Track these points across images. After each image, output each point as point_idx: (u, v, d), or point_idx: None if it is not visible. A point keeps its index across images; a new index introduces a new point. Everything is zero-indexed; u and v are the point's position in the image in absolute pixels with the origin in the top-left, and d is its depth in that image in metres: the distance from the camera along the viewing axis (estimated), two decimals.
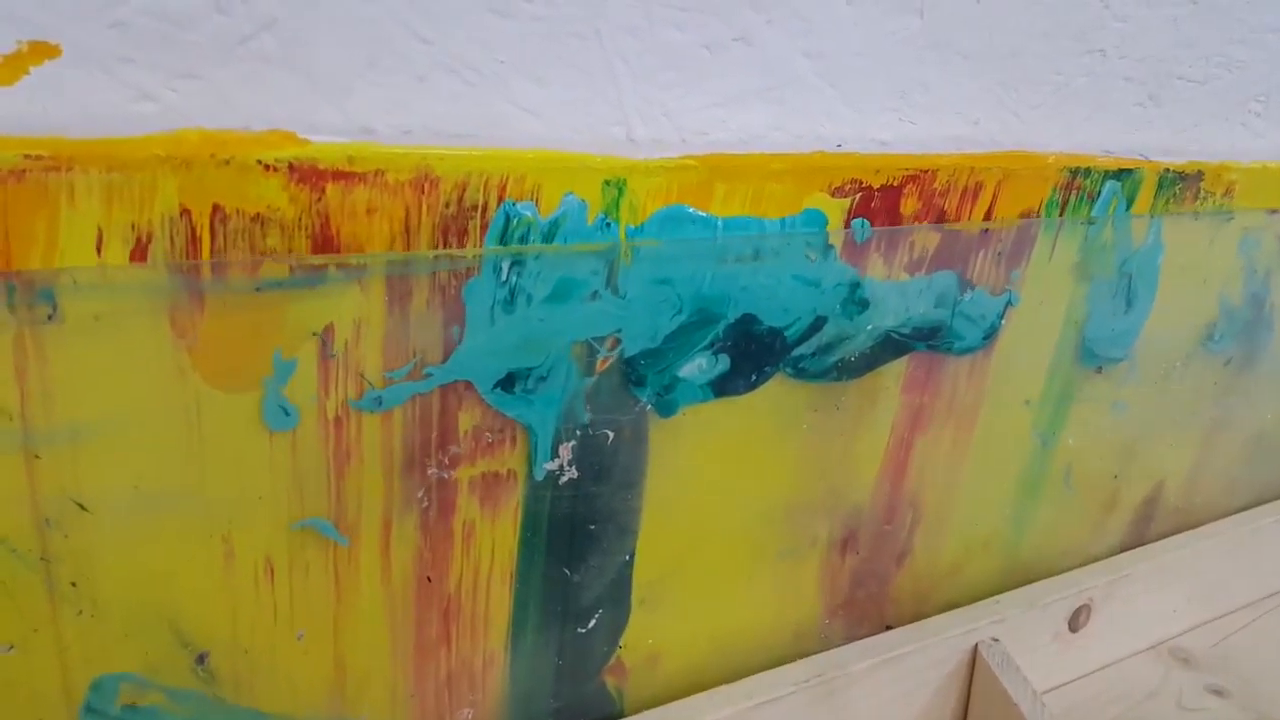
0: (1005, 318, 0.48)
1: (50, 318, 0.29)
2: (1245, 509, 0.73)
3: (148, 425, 0.31)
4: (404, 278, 0.33)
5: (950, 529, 0.55)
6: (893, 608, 0.56)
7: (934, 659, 0.56)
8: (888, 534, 0.52)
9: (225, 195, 0.29)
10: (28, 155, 0.26)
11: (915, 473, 0.51)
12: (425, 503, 0.37)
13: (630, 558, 0.43)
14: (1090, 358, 0.54)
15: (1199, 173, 0.49)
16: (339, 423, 0.34)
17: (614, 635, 0.45)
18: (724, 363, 0.40)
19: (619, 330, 0.37)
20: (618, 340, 0.37)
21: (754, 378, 0.41)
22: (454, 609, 0.40)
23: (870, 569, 0.53)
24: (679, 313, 0.38)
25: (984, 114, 0.40)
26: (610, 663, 0.45)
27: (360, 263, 0.32)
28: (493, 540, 0.39)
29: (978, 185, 0.41)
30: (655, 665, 0.47)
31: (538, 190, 0.33)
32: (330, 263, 0.31)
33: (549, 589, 0.42)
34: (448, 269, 0.33)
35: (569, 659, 0.44)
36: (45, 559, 0.31)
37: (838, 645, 0.52)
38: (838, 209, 0.39)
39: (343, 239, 0.31)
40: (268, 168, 0.29)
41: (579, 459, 0.39)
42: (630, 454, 0.40)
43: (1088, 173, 0.44)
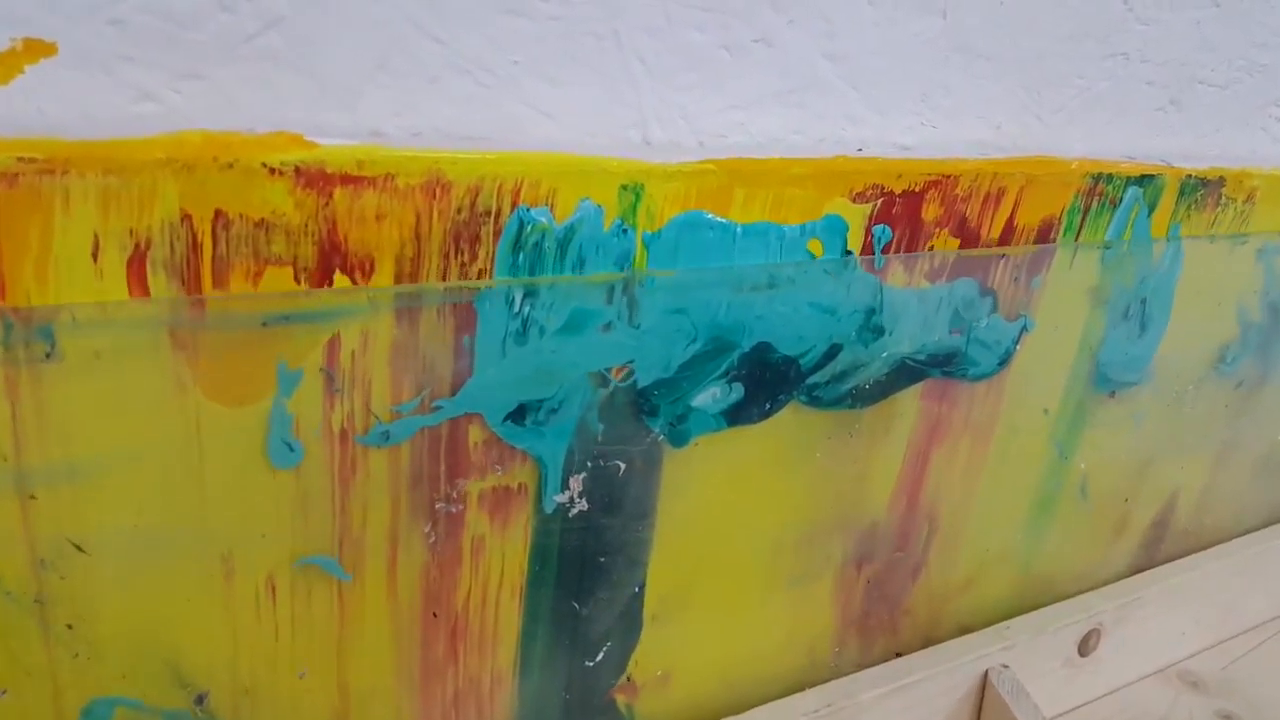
0: (1020, 343, 0.48)
1: (48, 355, 0.28)
2: (1254, 530, 0.74)
3: (149, 463, 0.31)
4: (413, 310, 0.33)
5: (963, 554, 0.55)
6: (904, 633, 0.56)
7: (944, 687, 0.56)
8: (900, 560, 0.52)
9: (228, 200, 0.29)
10: (21, 158, 0.26)
11: (929, 499, 0.51)
12: (432, 537, 0.37)
13: (640, 589, 0.43)
14: (1104, 382, 0.55)
15: (1220, 179, 0.50)
16: (344, 458, 0.34)
17: (621, 667, 0.44)
18: (738, 391, 0.40)
19: (632, 360, 0.37)
20: (631, 370, 0.37)
21: (768, 406, 0.42)
22: (461, 644, 0.40)
23: (882, 595, 0.53)
24: (693, 342, 0.38)
25: (1006, 118, 0.40)
26: (618, 690, 0.45)
27: (368, 296, 0.32)
28: (500, 574, 0.39)
29: (1000, 191, 0.41)
30: (665, 692, 0.46)
31: (552, 195, 0.33)
32: (337, 296, 0.31)
33: (558, 622, 0.42)
34: (457, 300, 0.33)
35: (576, 693, 0.43)
36: (40, 601, 0.31)
37: (849, 671, 0.52)
38: (859, 215, 0.39)
39: (350, 245, 0.31)
40: (273, 171, 0.29)
41: (590, 491, 0.39)
42: (642, 485, 0.40)
43: (1110, 179, 0.44)
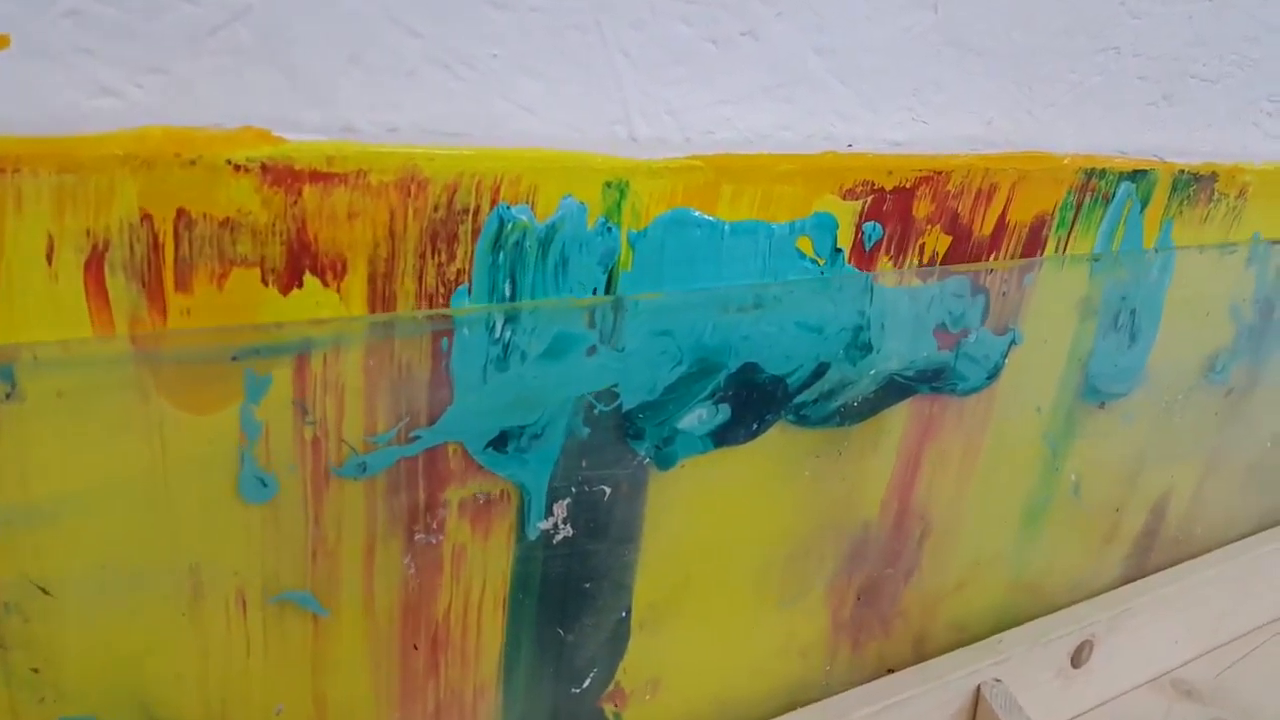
0: (1009, 357, 0.49)
1: (9, 396, 0.28)
2: (1245, 537, 0.75)
3: (116, 503, 0.30)
4: (389, 339, 0.32)
5: (954, 568, 0.56)
6: (896, 648, 0.56)
7: (936, 702, 0.56)
8: (890, 576, 0.53)
9: (191, 198, 0.28)
10: None
11: (919, 515, 0.51)
12: (411, 569, 0.36)
13: (626, 614, 0.43)
14: (1093, 394, 0.55)
15: (1213, 174, 0.50)
16: (319, 491, 0.33)
17: (607, 697, 0.44)
18: (724, 413, 0.40)
19: (617, 384, 0.37)
20: (615, 394, 0.37)
21: (755, 427, 0.42)
22: (443, 677, 0.39)
23: (873, 611, 0.53)
24: (679, 364, 0.38)
25: (998, 113, 0.40)
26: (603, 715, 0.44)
27: (341, 325, 0.31)
28: (482, 603, 0.39)
29: (992, 187, 0.41)
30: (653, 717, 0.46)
31: (534, 192, 0.32)
32: (309, 326, 0.31)
33: (541, 650, 0.42)
34: (436, 328, 0.33)
35: None
36: (3, 645, 0.30)
37: (840, 688, 0.52)
38: (849, 212, 0.38)
39: (321, 245, 0.30)
40: (238, 168, 0.28)
41: (574, 516, 0.39)
42: (628, 508, 0.40)
43: (1102, 174, 0.45)
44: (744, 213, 0.36)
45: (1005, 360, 0.49)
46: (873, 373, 0.44)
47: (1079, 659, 0.63)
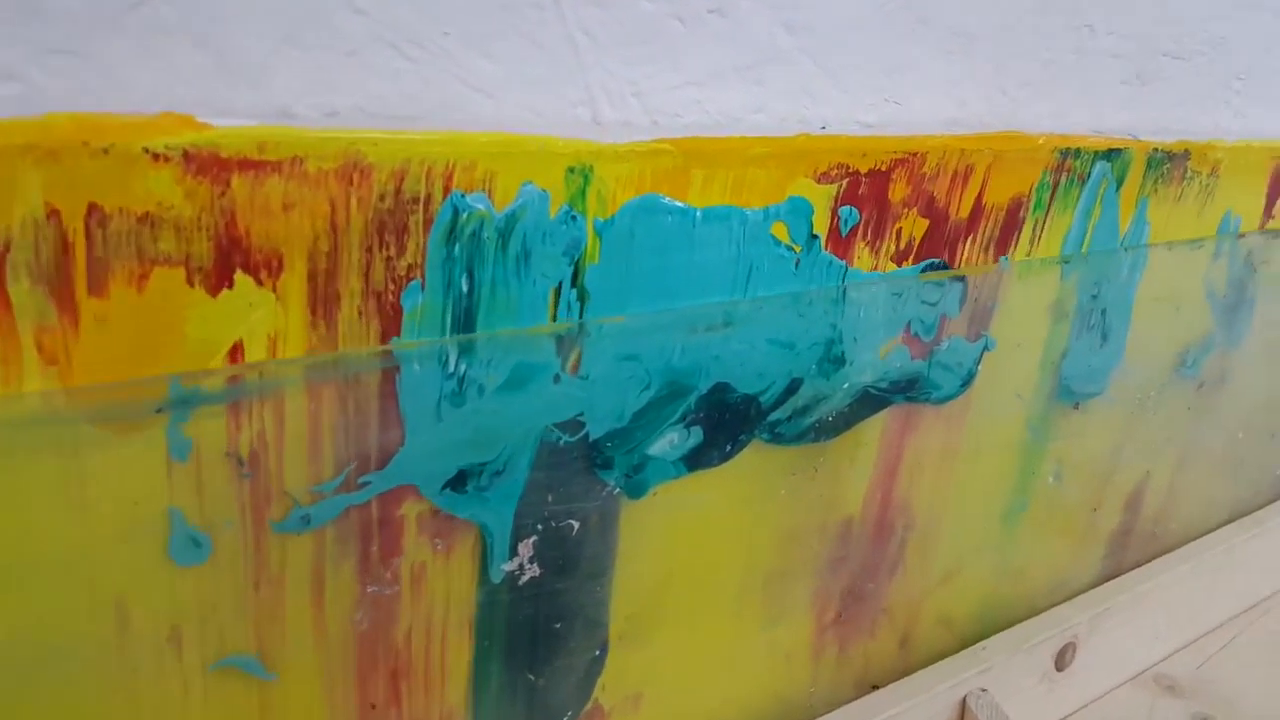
0: (982, 363, 0.48)
1: None
2: (1219, 527, 0.76)
3: (36, 574, 0.28)
4: (331, 380, 0.30)
5: (935, 579, 0.55)
6: (880, 664, 0.55)
7: (923, 717, 0.55)
8: (872, 592, 0.52)
9: (104, 192, 0.25)
10: None
11: (899, 527, 0.51)
12: (364, 624, 0.34)
13: (601, 652, 0.41)
14: (1068, 395, 0.55)
15: (1186, 152, 0.50)
16: (260, 548, 0.31)
17: None
18: (696, 435, 0.39)
19: (582, 412, 0.36)
20: (581, 423, 0.36)
21: (729, 448, 0.41)
22: None
23: (856, 628, 0.52)
24: (647, 388, 0.37)
25: (972, 94, 0.39)
26: None
27: (279, 368, 0.29)
28: (443, 655, 0.37)
29: (968, 169, 0.40)
30: None
31: (491, 179, 0.30)
32: (243, 369, 0.29)
33: (511, 698, 0.39)
34: (383, 365, 0.31)
35: None
36: None
37: (825, 709, 0.51)
38: (824, 196, 0.37)
39: (253, 240, 0.28)
40: (157, 157, 0.25)
41: (542, 554, 0.38)
42: (599, 542, 0.39)
43: (1078, 154, 0.44)
44: (716, 198, 0.34)
45: (979, 367, 0.48)
46: (846, 386, 0.43)
47: (1062, 661, 0.63)
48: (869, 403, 0.45)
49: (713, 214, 0.34)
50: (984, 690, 0.57)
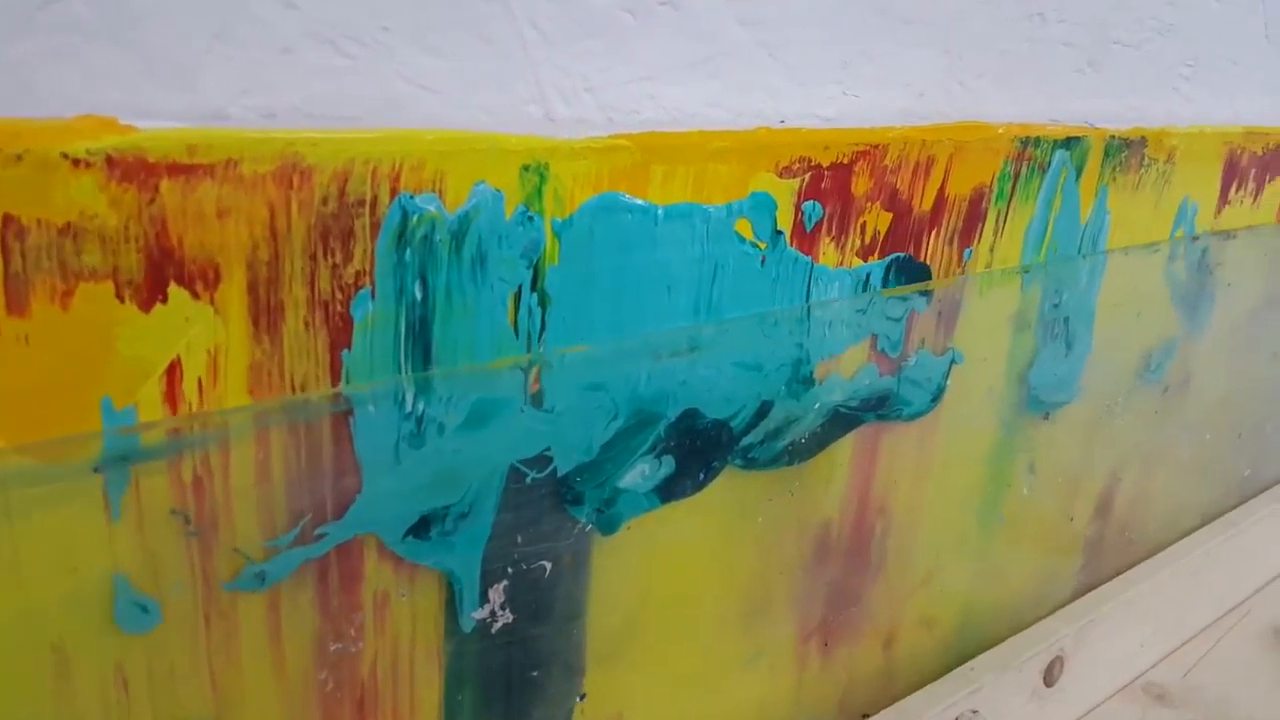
0: (950, 377, 0.48)
1: None
2: (1194, 529, 0.76)
3: None
4: (279, 427, 0.29)
5: (919, 597, 0.54)
6: (868, 691, 0.54)
7: None
8: (857, 615, 0.51)
9: (20, 202, 0.23)
10: None
11: (879, 547, 0.50)
12: (329, 684, 0.32)
13: (581, 698, 0.40)
14: (1037, 405, 0.55)
15: (1142, 139, 0.50)
16: (212, 610, 0.29)
17: None
18: (668, 465, 0.38)
19: (549, 447, 0.35)
20: (548, 458, 0.35)
21: (702, 476, 0.40)
22: None
23: (843, 655, 0.51)
24: (614, 418, 0.36)
25: (929, 85, 0.39)
26: None
27: (225, 417, 0.28)
28: (413, 714, 0.35)
29: (929, 160, 0.40)
30: None
31: (441, 179, 0.29)
32: (185, 422, 0.27)
33: None
34: (334, 408, 0.29)
35: None
36: None
37: None
38: (787, 191, 0.36)
39: (187, 250, 0.26)
40: (77, 162, 0.24)
41: (514, 599, 0.36)
42: (572, 582, 0.37)
43: (1037, 142, 0.44)
44: (677, 195, 0.33)
45: (948, 381, 0.48)
46: (817, 406, 0.43)
47: (1051, 677, 0.63)
48: (841, 422, 0.44)
49: (675, 211, 0.33)
50: (975, 711, 0.56)
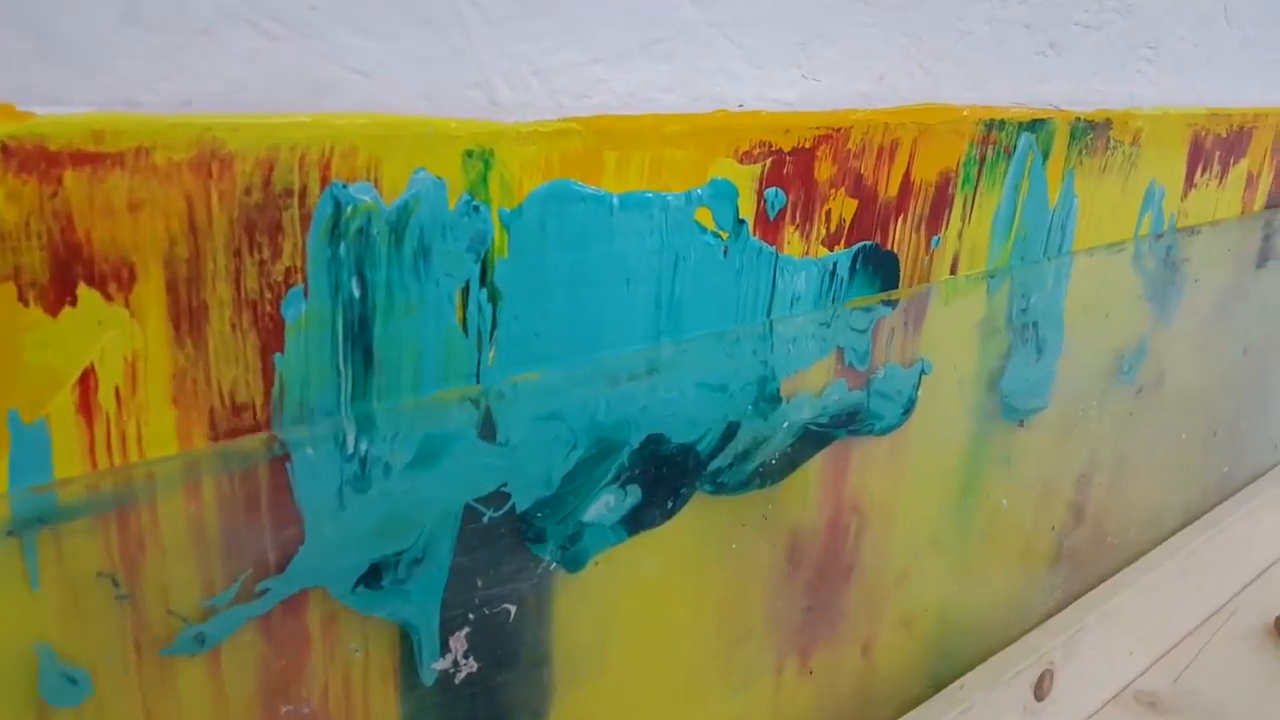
0: (921, 389, 0.47)
1: None
2: (1176, 532, 0.76)
3: None
4: (211, 477, 0.27)
5: (904, 616, 0.53)
6: (859, 716, 0.52)
7: None
8: (842, 640, 0.49)
9: None
10: None
11: (860, 568, 0.49)
12: None
13: None
14: (1011, 413, 0.54)
15: (1107, 121, 0.50)
16: (148, 678, 0.27)
17: None
18: (634, 494, 0.37)
19: (505, 483, 0.33)
20: (505, 495, 0.33)
21: (670, 504, 0.38)
22: None
23: (829, 681, 0.50)
24: (574, 449, 0.34)
25: (889, 68, 0.38)
26: None
27: (151, 469, 0.26)
28: None
29: (893, 144, 0.39)
30: None
31: (375, 167, 0.27)
32: (109, 479, 0.25)
33: None
34: (269, 455, 0.28)
35: None
36: None
37: None
38: (748, 177, 0.35)
39: (96, 247, 0.24)
40: None
41: (477, 647, 0.34)
42: (538, 625, 0.36)
43: (1002, 125, 0.43)
44: (633, 183, 0.32)
45: (918, 392, 0.47)
46: (786, 425, 0.41)
47: (1041, 691, 0.62)
48: (812, 440, 0.43)
49: (631, 200, 0.32)
50: None
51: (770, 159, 0.34)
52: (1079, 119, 0.47)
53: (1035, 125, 0.44)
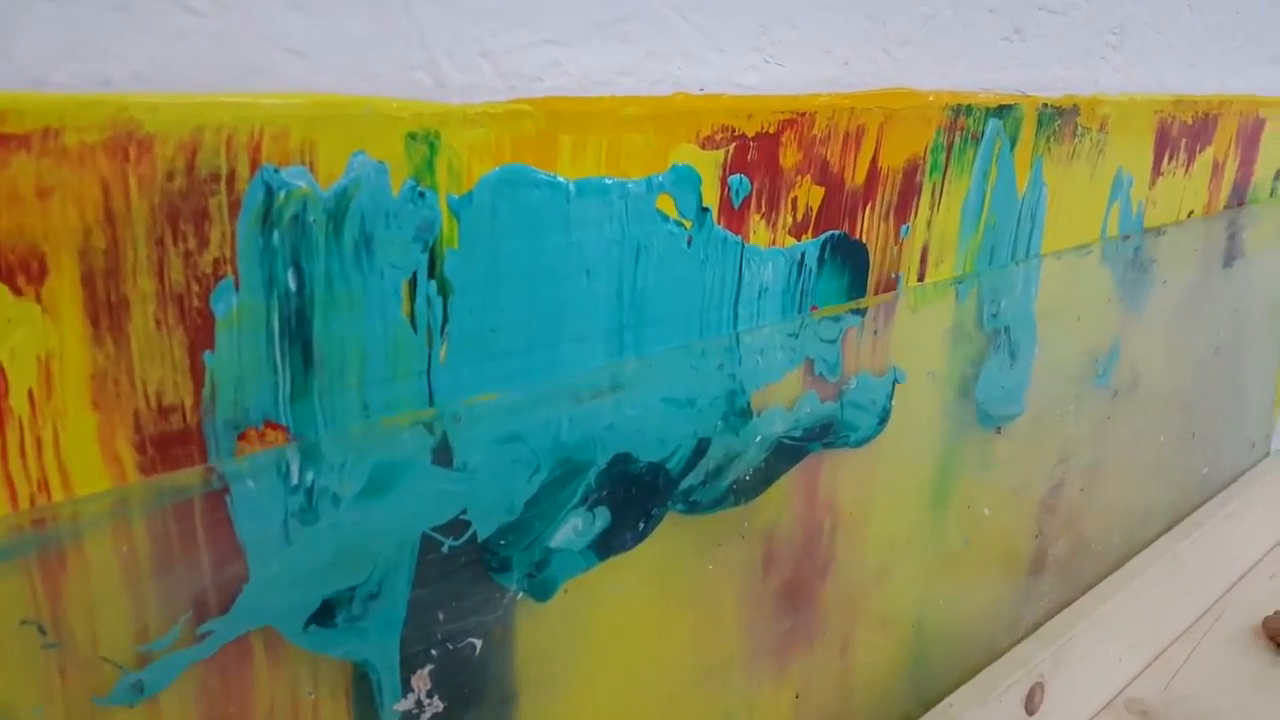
0: (895, 398, 0.46)
1: None
2: (1160, 534, 0.76)
3: None
4: (144, 514, 0.25)
5: (891, 633, 0.52)
6: None
7: None
8: (829, 661, 0.48)
9: None
10: None
11: (843, 585, 0.47)
12: None
13: None
14: (987, 419, 0.54)
15: (1074, 107, 0.49)
16: None
17: None
18: (603, 517, 0.36)
19: (465, 510, 0.32)
20: (465, 523, 0.32)
21: (642, 526, 0.37)
22: None
23: (814, 706, 0.49)
24: (536, 471, 0.33)
25: (854, 52, 0.37)
26: None
27: (78, 507, 0.24)
28: None
29: (859, 130, 0.38)
30: None
31: (310, 150, 0.25)
32: (37, 517, 0.24)
33: None
34: (207, 487, 0.26)
35: None
36: None
37: None
38: (710, 163, 0.33)
39: (3, 237, 0.22)
40: None
41: (441, 685, 0.33)
42: (506, 658, 0.34)
43: (969, 110, 0.42)
44: (590, 169, 0.30)
45: (892, 402, 0.46)
46: (758, 439, 0.40)
47: (1032, 704, 0.61)
48: (785, 454, 0.42)
49: (588, 187, 0.30)
50: None
51: (733, 144, 0.33)
52: (1046, 105, 0.46)
53: (1002, 111, 0.44)
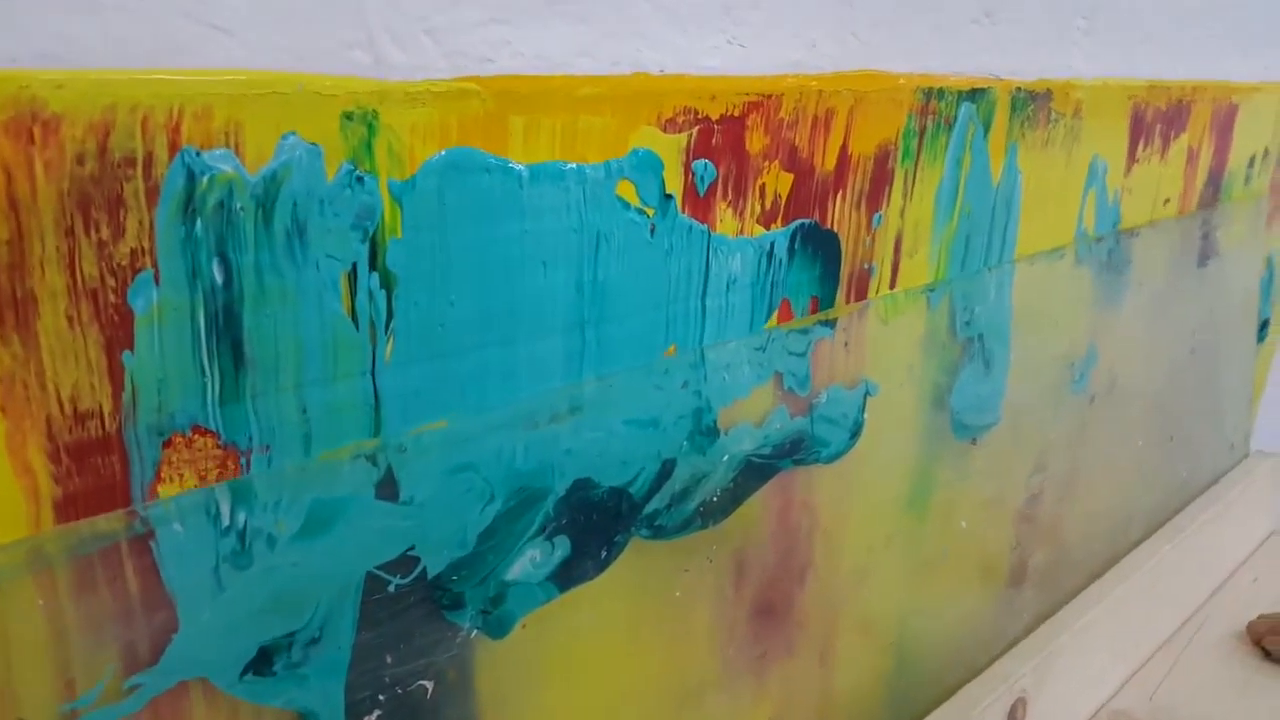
0: (867, 411, 0.45)
1: None
2: (1140, 541, 0.75)
3: None
4: (62, 564, 0.24)
5: (869, 652, 0.51)
6: None
7: None
8: (801, 685, 0.47)
9: None
10: None
11: (818, 606, 0.46)
12: None
13: None
14: (962, 430, 0.53)
15: (1048, 91, 0.49)
16: None
17: None
18: (563, 546, 0.34)
19: (412, 546, 0.30)
20: (414, 559, 0.30)
21: (604, 554, 0.36)
22: None
23: None
24: (490, 501, 0.32)
25: (821, 34, 0.37)
26: None
27: None
28: None
29: (829, 113, 0.36)
30: None
31: (236, 131, 0.24)
32: None
33: None
34: (130, 533, 0.24)
35: None
36: None
37: None
38: (673, 147, 0.32)
39: None
40: None
41: None
42: (461, 700, 0.33)
43: (941, 94, 0.42)
44: (544, 153, 0.29)
45: (864, 415, 0.45)
46: (726, 458, 0.39)
47: None
48: (754, 473, 0.40)
49: (543, 171, 0.29)
50: None
51: (697, 128, 0.32)
52: (1019, 89, 0.46)
53: (975, 95, 0.43)
